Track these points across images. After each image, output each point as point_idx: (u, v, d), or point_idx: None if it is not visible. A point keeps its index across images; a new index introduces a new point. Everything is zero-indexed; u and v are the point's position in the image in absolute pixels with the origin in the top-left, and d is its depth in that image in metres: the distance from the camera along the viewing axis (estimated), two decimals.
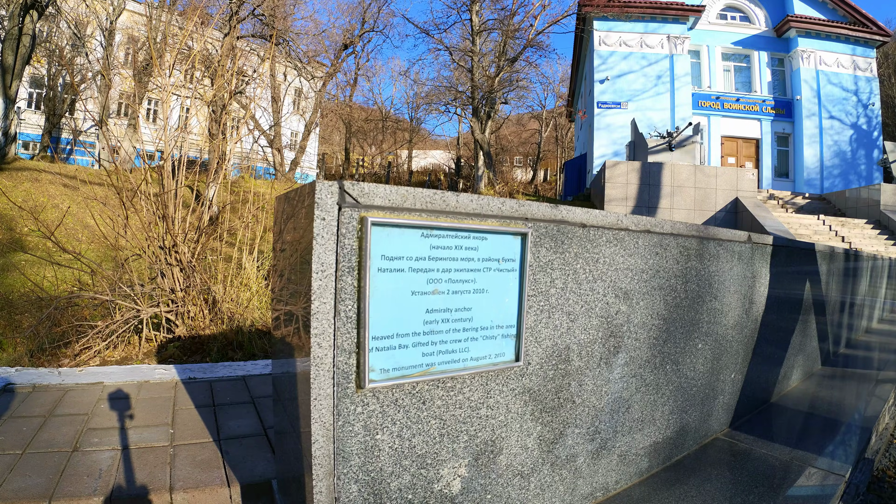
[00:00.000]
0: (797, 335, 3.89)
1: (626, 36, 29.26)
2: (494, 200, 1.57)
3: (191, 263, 4.82)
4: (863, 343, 6.17)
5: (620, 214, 1.99)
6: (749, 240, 2.89)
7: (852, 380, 4.39)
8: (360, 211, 1.32)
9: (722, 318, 2.74)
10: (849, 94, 30.59)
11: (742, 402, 3.17)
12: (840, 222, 20.96)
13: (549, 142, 59.60)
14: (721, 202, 19.99)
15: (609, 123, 28.76)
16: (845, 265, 5.14)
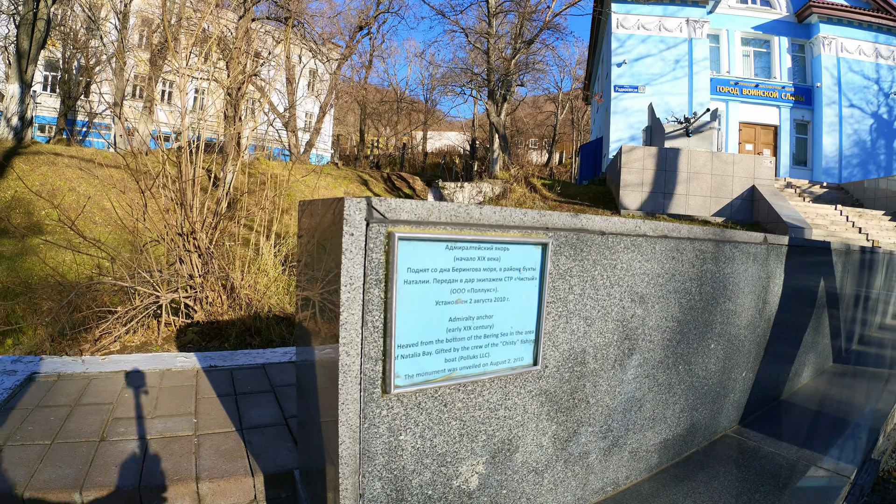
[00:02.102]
0: (809, 333, 3.93)
1: (645, 19, 29.00)
2: (517, 212, 1.61)
3: (209, 250, 4.89)
4: (875, 340, 6.16)
5: (639, 221, 2.03)
6: (765, 241, 2.92)
7: (863, 378, 4.41)
8: (387, 226, 1.38)
9: (735, 318, 2.79)
10: (870, 83, 30.19)
11: (752, 400, 3.23)
12: (857, 213, 20.83)
13: (564, 124, 59.29)
14: (738, 189, 19.87)
15: (626, 107, 28.61)
16: (860, 263, 5.14)
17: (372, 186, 28.94)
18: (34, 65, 18.23)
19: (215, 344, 4.53)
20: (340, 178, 27.45)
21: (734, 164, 20.12)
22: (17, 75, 17.60)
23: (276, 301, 5.18)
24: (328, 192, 24.36)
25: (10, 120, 17.55)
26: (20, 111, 17.69)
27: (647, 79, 28.75)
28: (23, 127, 17.82)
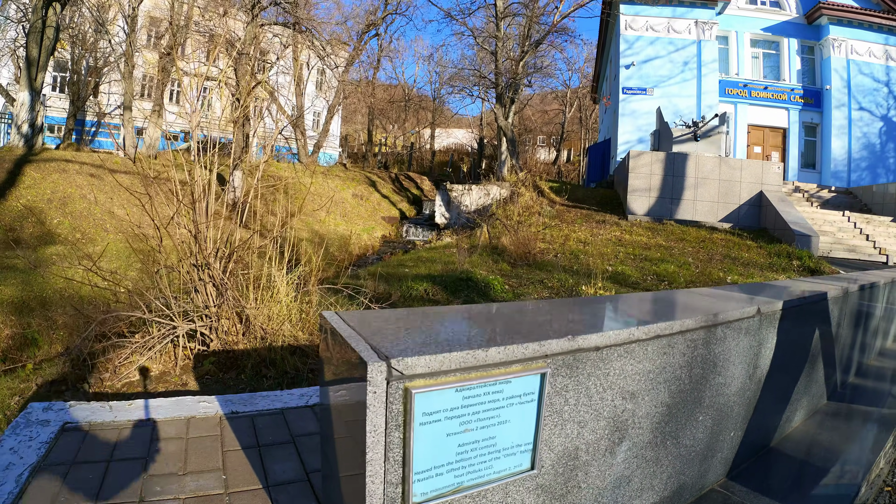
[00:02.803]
0: (802, 381, 4.09)
1: (653, 21, 29.10)
2: (518, 348, 1.80)
3: (223, 281, 5.09)
4: (874, 369, 6.24)
5: (633, 328, 2.21)
6: (758, 312, 3.10)
7: (854, 418, 4.54)
8: (404, 382, 1.58)
9: (725, 389, 2.97)
10: (880, 85, 30.22)
11: (741, 453, 3.40)
12: (865, 219, 20.92)
13: (572, 122, 59.30)
14: (745, 195, 19.99)
15: (634, 109, 28.74)
16: (859, 299, 5.28)
17: (380, 188, 29.23)
18: (44, 72, 18.52)
19: (232, 375, 4.73)
20: (349, 179, 27.76)
21: (742, 169, 20.23)
22: (27, 83, 17.87)
23: (290, 330, 5.36)
24: (336, 195, 24.64)
25: (21, 127, 17.85)
26: (30, 118, 17.98)
27: (655, 81, 28.85)
28: (33, 134, 18.12)
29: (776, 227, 18.28)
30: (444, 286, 9.17)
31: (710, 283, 11.40)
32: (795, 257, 14.66)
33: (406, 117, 55.02)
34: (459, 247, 12.92)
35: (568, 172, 52.49)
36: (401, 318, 2.09)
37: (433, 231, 23.05)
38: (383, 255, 20.11)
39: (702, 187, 19.83)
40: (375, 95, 41.51)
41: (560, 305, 2.60)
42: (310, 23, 25.54)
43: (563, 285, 10.02)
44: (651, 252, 14.16)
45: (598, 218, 19.12)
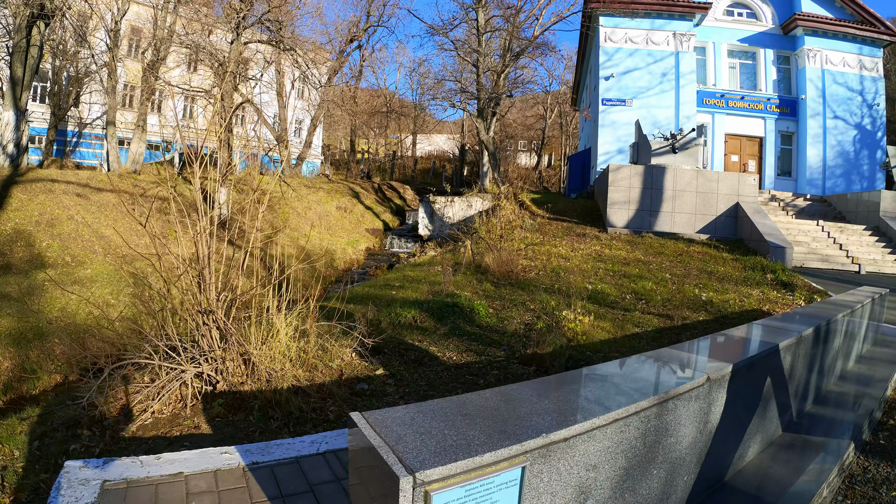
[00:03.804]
0: (755, 422, 4.34)
1: (632, 33, 29.54)
2: (505, 450, 2.14)
3: (227, 327, 5.32)
4: (833, 395, 6.38)
5: (595, 418, 2.53)
6: (707, 380, 3.40)
7: (806, 448, 4.71)
8: (425, 487, 1.96)
9: (676, 446, 3.26)
10: (854, 94, 30.90)
11: (696, 490, 3.66)
12: (839, 228, 21.40)
13: (553, 127, 59.69)
14: (722, 207, 20.43)
15: (614, 120, 29.17)
16: (814, 339, 5.51)
17: (363, 199, 29.44)
18: (28, 91, 18.58)
19: (241, 417, 4.93)
20: (332, 191, 27.95)
21: (719, 181, 20.69)
22: (12, 103, 17.95)
23: (291, 371, 5.57)
24: (320, 208, 24.83)
25: (6, 147, 17.92)
26: (16, 138, 18.06)
27: (634, 92, 29.29)
28: (18, 154, 18.19)
29: (752, 238, 18.72)
30: (431, 312, 9.43)
31: (687, 301, 11.74)
32: (769, 270, 15.04)
33: (388, 124, 55.22)
34: (444, 265, 13.17)
35: (549, 177, 52.94)
36: (415, 419, 2.42)
37: (417, 243, 23.31)
38: (368, 269, 20.35)
39: (680, 199, 20.25)
40: (357, 104, 41.73)
41: (536, 391, 2.91)
42: (293, 41, 25.72)
43: (544, 308, 10.32)
44: (630, 268, 14.50)
45: (579, 231, 19.47)
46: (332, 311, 6.78)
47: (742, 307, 11.67)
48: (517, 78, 31.86)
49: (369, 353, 6.78)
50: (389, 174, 46.31)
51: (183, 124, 29.54)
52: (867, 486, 4.47)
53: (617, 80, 29.29)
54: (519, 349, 8.00)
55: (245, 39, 23.75)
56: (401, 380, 6.40)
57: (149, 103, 24.53)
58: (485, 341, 8.43)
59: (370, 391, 5.94)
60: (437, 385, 6.36)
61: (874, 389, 6.64)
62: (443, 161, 54.17)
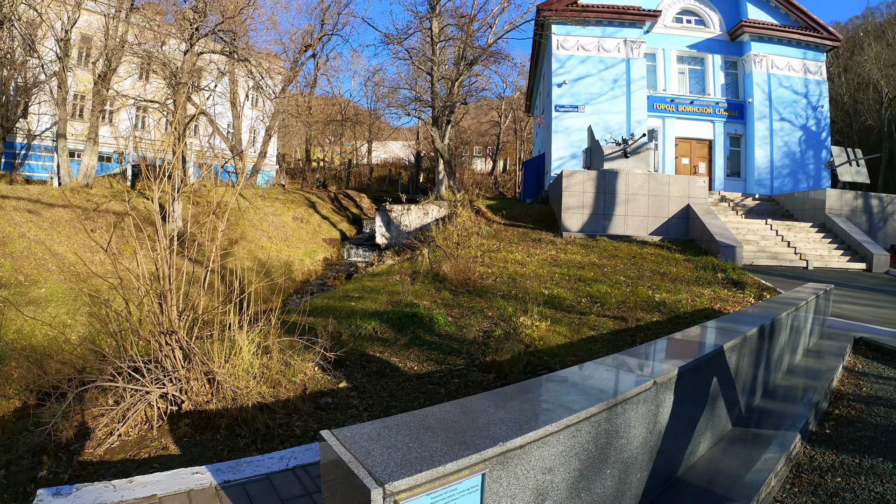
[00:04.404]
0: (703, 419, 4.49)
1: (584, 40, 29.96)
2: (465, 460, 2.25)
3: (190, 346, 5.30)
4: (781, 389, 6.58)
5: (548, 425, 2.65)
6: (654, 384, 3.53)
7: (757, 442, 4.86)
8: (394, 497, 2.05)
9: (627, 446, 3.37)
10: (799, 97, 31.87)
11: (648, 487, 3.79)
12: (787, 226, 21.99)
13: (507, 132, 60.05)
14: (674, 209, 20.84)
15: (567, 126, 29.55)
16: (759, 337, 5.69)
17: (320, 209, 29.26)
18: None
19: (208, 436, 4.90)
20: (288, 202, 27.73)
21: (670, 184, 21.09)
22: None
23: (256, 388, 5.56)
24: (277, 219, 24.63)
25: None
26: None
27: (586, 98, 29.72)
28: None
29: (703, 239, 19.14)
30: (391, 323, 9.49)
31: (640, 302, 11.96)
32: (720, 269, 15.40)
33: (343, 132, 54.98)
34: (402, 275, 13.23)
35: (505, 182, 53.30)
36: (381, 434, 2.50)
37: (374, 252, 23.29)
38: (327, 280, 20.28)
39: (632, 203, 20.61)
40: (312, 113, 41.54)
41: (493, 402, 3.01)
42: (247, 52, 25.53)
43: (502, 315, 10.44)
44: (585, 271, 14.72)
45: (535, 236, 19.68)
46: (293, 325, 6.80)
47: (694, 307, 11.93)
48: (472, 85, 32.13)
49: (332, 366, 6.83)
50: (345, 183, 46.17)
51: (136, 136, 29.13)
52: (814, 474, 4.62)
53: (569, 87, 29.69)
54: (478, 357, 8.10)
55: (199, 50, 23.52)
56: (364, 392, 6.45)
57: (100, 115, 24.08)
58: (445, 350, 8.51)
59: (334, 405, 5.98)
60: (400, 396, 6.42)
61: (820, 382, 6.84)
62: (399, 168, 54.19)
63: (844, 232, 21.15)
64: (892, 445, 5.24)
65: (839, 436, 5.50)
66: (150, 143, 26.70)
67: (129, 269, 5.37)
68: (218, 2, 23.13)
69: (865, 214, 22.85)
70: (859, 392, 7.03)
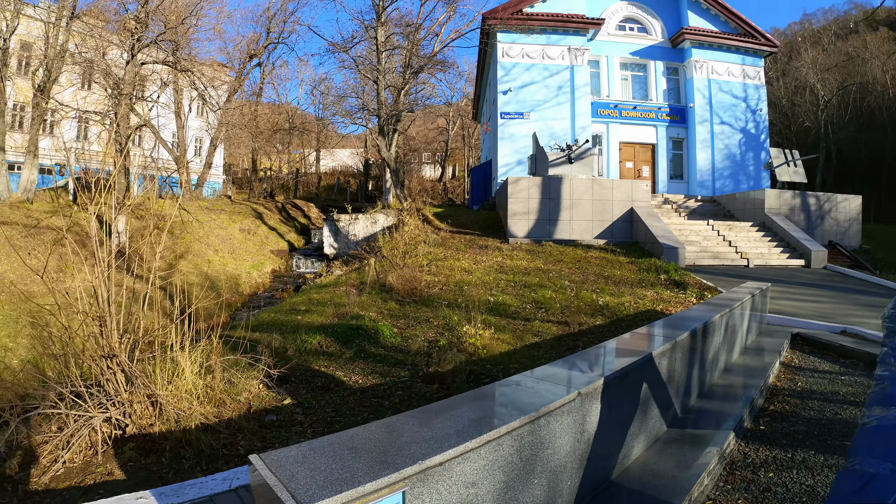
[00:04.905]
0: (636, 423, 4.53)
1: (529, 48, 30.32)
2: (385, 479, 2.29)
3: (131, 369, 5.20)
4: (718, 388, 6.71)
5: (468, 441, 2.68)
6: (578, 395, 3.58)
7: (691, 442, 4.94)
8: None
9: (554, 456, 3.40)
10: (738, 101, 32.88)
11: (581, 493, 3.82)
12: (728, 226, 22.52)
13: (456, 139, 60.26)
14: (618, 212, 21.17)
15: (513, 133, 29.83)
16: (691, 338, 5.79)
17: (267, 219, 28.94)
18: None
19: (153, 460, 4.81)
20: (235, 213, 27.34)
21: (613, 188, 21.42)
22: None
23: (199, 410, 5.48)
24: (223, 232, 24.28)
25: None
26: None
27: (532, 105, 30.04)
28: None
29: (647, 241, 19.49)
30: (337, 336, 9.44)
31: (584, 307, 12.10)
32: (663, 271, 15.70)
33: (290, 140, 54.48)
34: (348, 287, 13.19)
35: (454, 188, 53.47)
36: (307, 456, 2.52)
37: (323, 262, 23.12)
38: (275, 292, 20.05)
39: (577, 208, 20.87)
40: (259, 122, 41.10)
41: (419, 419, 3.03)
42: (190, 62, 25.14)
43: (447, 324, 10.47)
44: (530, 277, 14.84)
45: (482, 243, 19.77)
46: (237, 341, 6.73)
47: (637, 309, 12.12)
48: (418, 93, 32.21)
49: (276, 382, 6.77)
50: (293, 192, 45.75)
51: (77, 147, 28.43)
52: (747, 471, 4.71)
53: (515, 94, 29.97)
54: (422, 368, 8.10)
55: (141, 60, 23.10)
56: (308, 408, 6.40)
57: (41, 126, 23.42)
58: (390, 362, 8.50)
59: (279, 422, 5.93)
60: (344, 410, 6.39)
61: (756, 379, 6.99)
62: (347, 176, 53.94)
63: (783, 230, 21.77)
64: (824, 438, 5.39)
65: (773, 431, 5.62)
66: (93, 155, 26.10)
67: (69, 291, 5.26)
68: (160, 11, 22.78)
69: (804, 213, 23.56)
70: (795, 387, 7.21)
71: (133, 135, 23.05)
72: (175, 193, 28.83)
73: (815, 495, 4.22)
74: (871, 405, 2.87)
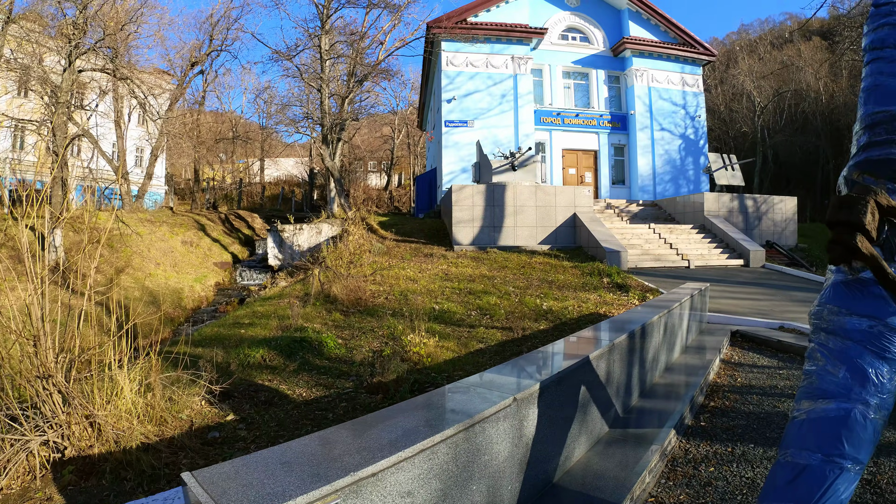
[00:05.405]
0: (576, 425, 4.54)
1: (473, 57, 30.57)
2: (316, 492, 2.25)
3: (68, 390, 5.03)
4: (660, 387, 6.80)
5: (400, 451, 2.65)
6: (514, 401, 3.59)
7: (632, 441, 4.98)
8: None
9: (492, 462, 3.39)
10: (678, 108, 33.81)
11: (522, 497, 3.82)
12: (669, 229, 23.03)
13: (401, 147, 60.24)
14: (561, 218, 21.43)
15: (457, 141, 30.00)
16: (629, 339, 5.87)
17: (210, 231, 28.41)
18: None
19: (93, 482, 4.65)
20: (177, 225, 26.75)
21: (556, 194, 21.68)
22: None
23: (140, 429, 5.33)
24: (165, 244, 23.76)
25: None
26: None
27: (476, 113, 30.25)
28: None
29: (590, 245, 19.78)
30: (280, 349, 9.30)
31: (528, 312, 12.19)
32: (606, 274, 15.92)
33: (234, 149, 53.64)
34: (293, 298, 13.04)
35: (400, 197, 53.36)
36: (239, 472, 2.47)
37: (267, 274, 22.80)
38: (219, 306, 19.69)
39: (521, 214, 21.05)
40: (202, 131, 40.42)
41: (353, 431, 2.99)
42: (129, 70, 24.59)
43: (392, 333, 10.42)
44: (475, 284, 14.88)
45: (427, 251, 19.76)
46: (179, 357, 6.58)
47: (580, 312, 12.25)
48: (363, 101, 32.15)
49: (219, 398, 6.65)
50: (237, 203, 45.07)
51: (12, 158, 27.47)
52: (688, 466, 4.77)
53: (459, 103, 30.11)
54: (366, 378, 8.05)
55: (79, 67, 22.51)
56: (252, 423, 6.29)
57: None
58: (334, 374, 8.41)
59: (222, 439, 5.81)
60: (288, 424, 6.30)
61: (696, 377, 7.11)
62: (292, 186, 53.31)
63: (723, 231, 22.38)
64: (763, 431, 5.51)
65: (714, 427, 5.72)
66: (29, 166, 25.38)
67: (1, 309, 5.08)
68: (100, 17, 22.26)
69: (742, 214, 24.28)
70: (734, 383, 7.36)
71: (71, 145, 22.40)
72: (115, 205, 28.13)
73: (754, 487, 4.28)
74: (801, 399, 2.93)
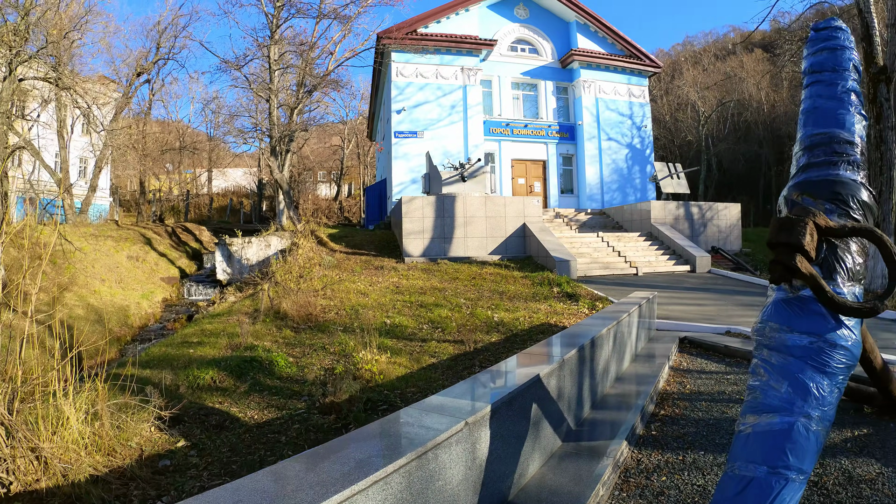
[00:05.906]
0: (529, 443, 4.56)
1: (423, 67, 30.67)
2: None
3: (11, 422, 4.85)
4: (611, 398, 6.86)
5: (355, 484, 2.61)
6: (465, 425, 3.58)
7: (586, 454, 5.04)
8: None
9: (447, 486, 3.36)
10: (625, 118, 34.65)
11: None
12: (617, 237, 23.40)
13: (351, 157, 60.06)
14: (511, 228, 21.60)
15: (407, 152, 30.02)
16: (580, 354, 5.93)
17: (156, 245, 27.81)
18: None
19: None
20: (122, 239, 26.07)
21: (506, 205, 21.86)
22: None
23: (88, 461, 5.19)
24: (110, 259, 23.16)
25: None
26: None
27: (425, 124, 30.35)
28: None
29: (539, 255, 19.98)
30: (230, 370, 9.15)
31: (480, 324, 12.21)
32: (556, 284, 16.04)
33: (181, 159, 52.67)
34: (241, 315, 12.85)
35: (350, 207, 53.14)
36: None
37: (216, 288, 22.41)
38: (166, 323, 19.23)
39: (471, 225, 21.15)
40: (148, 141, 39.66)
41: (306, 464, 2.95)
42: (73, 79, 24.00)
43: (343, 350, 10.34)
44: (426, 297, 14.86)
45: (377, 263, 19.67)
46: (126, 381, 6.42)
47: (531, 323, 12.31)
48: (313, 111, 31.94)
49: (169, 424, 6.52)
50: (184, 215, 44.28)
51: None
52: (641, 477, 4.82)
53: (408, 113, 30.15)
54: (319, 398, 7.96)
55: (20, 75, 21.89)
56: (203, 449, 6.19)
57: None
58: (286, 394, 8.32)
59: (173, 467, 5.70)
60: (240, 449, 6.22)
61: (646, 385, 7.18)
62: (241, 197, 52.69)
63: (669, 238, 22.84)
64: (713, 437, 5.59)
65: (665, 436, 5.78)
66: None
67: None
68: (42, 24, 21.71)
69: (688, 221, 24.79)
70: (683, 390, 7.46)
71: (11, 156, 21.77)
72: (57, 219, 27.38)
73: (706, 494, 4.35)
74: (746, 413, 2.99)
